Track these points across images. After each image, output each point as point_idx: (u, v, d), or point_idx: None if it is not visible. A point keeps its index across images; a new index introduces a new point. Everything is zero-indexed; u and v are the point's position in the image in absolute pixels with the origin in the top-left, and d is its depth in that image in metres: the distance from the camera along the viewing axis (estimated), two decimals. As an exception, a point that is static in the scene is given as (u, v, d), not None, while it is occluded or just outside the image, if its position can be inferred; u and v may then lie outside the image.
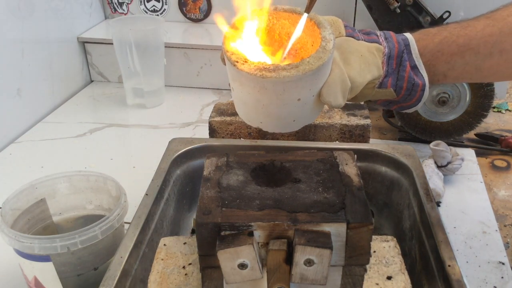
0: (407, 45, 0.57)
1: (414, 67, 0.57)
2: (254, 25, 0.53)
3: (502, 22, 0.55)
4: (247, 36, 0.53)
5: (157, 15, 1.39)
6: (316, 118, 0.58)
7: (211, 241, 0.45)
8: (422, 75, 0.57)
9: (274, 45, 0.55)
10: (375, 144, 0.79)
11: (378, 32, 0.58)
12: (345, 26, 0.57)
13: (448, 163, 0.89)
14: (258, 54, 0.54)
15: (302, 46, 0.54)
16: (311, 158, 0.54)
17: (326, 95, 0.52)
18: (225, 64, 0.52)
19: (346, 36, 0.56)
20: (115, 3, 1.40)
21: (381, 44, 0.57)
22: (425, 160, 0.90)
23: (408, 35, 0.58)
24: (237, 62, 0.49)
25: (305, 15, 0.52)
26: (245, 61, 0.49)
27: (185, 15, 1.38)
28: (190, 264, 0.55)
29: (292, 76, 0.48)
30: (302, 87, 0.50)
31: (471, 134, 1.04)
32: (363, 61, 0.55)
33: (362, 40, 0.56)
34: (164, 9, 1.39)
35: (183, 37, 1.33)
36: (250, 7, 0.53)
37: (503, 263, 0.72)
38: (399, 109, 0.61)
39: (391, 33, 0.59)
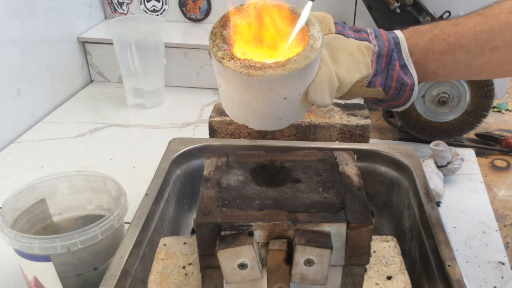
0: (397, 43, 0.57)
1: (404, 66, 0.57)
2: (242, 20, 0.53)
3: (494, 19, 0.55)
4: (234, 31, 0.52)
5: (157, 15, 1.39)
6: (303, 117, 0.57)
7: (211, 241, 0.45)
8: (411, 74, 0.57)
9: (262, 40, 0.54)
10: (375, 144, 0.79)
11: (369, 30, 0.58)
12: (335, 23, 0.56)
13: (448, 163, 0.89)
14: (246, 50, 0.53)
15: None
16: (311, 158, 0.54)
17: (313, 94, 0.51)
18: (211, 58, 0.52)
19: (336, 33, 0.55)
20: (115, 3, 1.40)
21: (371, 42, 0.56)
22: (425, 160, 0.90)
23: (398, 33, 0.58)
24: (223, 58, 0.49)
25: (310, 3, 0.51)
26: (231, 58, 0.49)
27: (185, 15, 1.38)
28: (190, 264, 0.55)
29: (278, 75, 0.47)
30: (288, 86, 0.49)
31: (471, 134, 1.04)
32: (352, 59, 0.54)
33: (352, 37, 0.56)
34: (164, 9, 1.39)
35: (183, 37, 1.33)
36: (239, 1, 0.52)
37: (503, 263, 0.72)
38: (388, 107, 0.61)
39: (382, 31, 0.58)
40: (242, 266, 0.44)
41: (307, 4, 0.51)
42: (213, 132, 0.84)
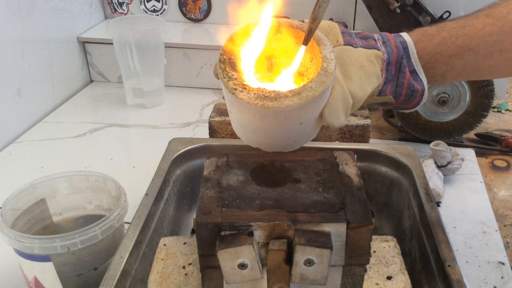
0: (405, 48, 0.55)
1: (413, 72, 0.56)
2: (249, 41, 0.51)
3: (502, 20, 0.54)
4: (242, 55, 0.50)
5: (157, 15, 1.39)
6: (316, 134, 0.56)
7: (211, 241, 0.45)
8: (421, 79, 0.56)
9: (270, 60, 0.53)
10: (375, 144, 0.79)
11: (376, 36, 0.56)
12: (342, 33, 0.55)
13: (448, 163, 0.89)
14: (256, 73, 0.52)
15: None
16: (311, 158, 0.54)
17: (328, 116, 0.50)
18: (218, 78, 0.49)
19: (344, 44, 0.54)
20: (115, 3, 1.40)
21: (379, 50, 0.55)
22: (425, 160, 0.90)
23: (406, 36, 0.56)
24: (235, 89, 0.46)
25: (303, 47, 0.50)
26: (244, 88, 0.46)
27: (185, 15, 1.38)
28: (190, 264, 0.55)
29: (294, 105, 0.45)
30: (304, 112, 0.48)
31: (471, 134, 1.04)
32: (363, 72, 0.53)
33: (360, 46, 0.54)
34: (164, 9, 1.39)
35: (183, 37, 1.33)
36: (243, 22, 0.50)
37: (503, 263, 0.72)
38: (395, 109, 0.60)
39: (389, 35, 0.56)
40: (242, 266, 0.44)
41: (301, 48, 0.50)
42: (213, 132, 0.84)
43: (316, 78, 0.47)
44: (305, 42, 0.49)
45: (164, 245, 0.58)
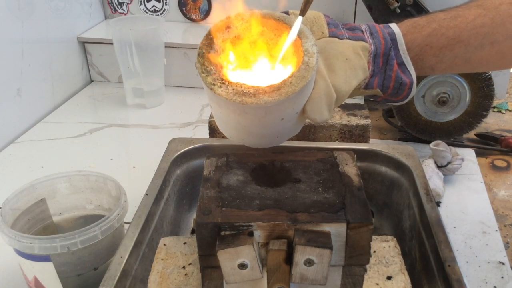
0: (393, 39, 0.54)
1: (402, 64, 0.54)
2: (229, 34, 0.50)
3: (494, 11, 0.53)
4: (222, 49, 0.49)
5: (157, 15, 1.39)
6: (300, 129, 0.56)
7: (211, 241, 0.45)
8: (409, 72, 0.55)
9: (252, 53, 0.52)
10: (375, 144, 0.79)
11: (363, 27, 0.55)
12: (328, 24, 0.53)
13: (448, 163, 0.89)
14: (236, 67, 0.50)
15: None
16: (311, 158, 0.54)
17: (311, 112, 0.49)
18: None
19: (330, 36, 0.53)
20: (115, 3, 1.40)
21: (366, 42, 0.53)
22: (425, 160, 0.90)
23: (394, 27, 0.55)
24: (213, 85, 0.46)
25: (300, 18, 0.48)
26: (222, 83, 0.46)
27: (185, 15, 1.38)
28: (190, 264, 0.55)
29: (274, 101, 0.45)
30: (285, 108, 0.47)
31: (471, 134, 1.04)
32: (348, 66, 0.52)
33: (346, 38, 0.53)
34: (164, 9, 1.39)
35: (183, 37, 1.33)
36: (225, 14, 0.49)
37: (503, 263, 0.72)
38: (384, 101, 0.59)
39: (377, 26, 0.55)
40: (242, 266, 0.44)
41: (297, 19, 0.48)
42: (213, 132, 0.84)
43: (296, 73, 0.46)
44: (302, 12, 0.48)
45: (164, 245, 0.58)
